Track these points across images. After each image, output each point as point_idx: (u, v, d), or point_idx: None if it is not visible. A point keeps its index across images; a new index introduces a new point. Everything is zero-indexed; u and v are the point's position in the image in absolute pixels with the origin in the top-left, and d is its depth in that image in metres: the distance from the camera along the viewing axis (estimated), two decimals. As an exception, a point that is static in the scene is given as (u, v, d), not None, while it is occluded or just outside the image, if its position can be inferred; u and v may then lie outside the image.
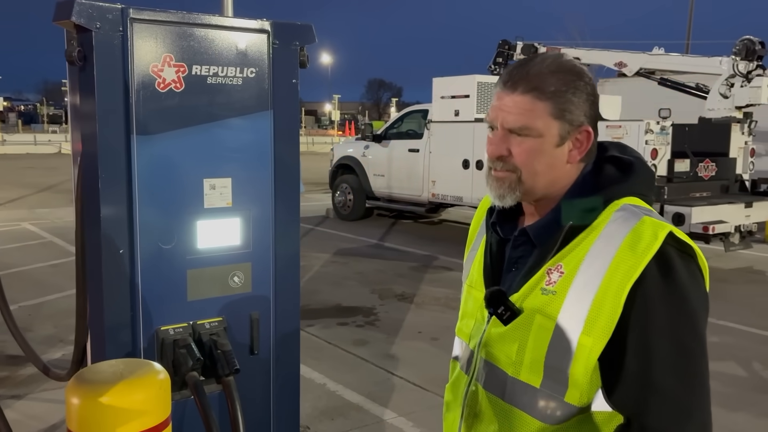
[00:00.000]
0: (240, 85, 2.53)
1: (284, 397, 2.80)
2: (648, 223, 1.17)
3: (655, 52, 9.99)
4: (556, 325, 1.18)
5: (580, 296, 1.16)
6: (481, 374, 1.31)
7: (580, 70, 1.27)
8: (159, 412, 1.46)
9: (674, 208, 7.62)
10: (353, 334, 5.83)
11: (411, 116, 11.96)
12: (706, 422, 1.18)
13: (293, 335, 2.81)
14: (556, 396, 1.20)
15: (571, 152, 1.26)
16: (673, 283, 1.14)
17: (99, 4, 2.23)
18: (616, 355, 1.15)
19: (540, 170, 1.24)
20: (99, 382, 1.43)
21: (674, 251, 1.15)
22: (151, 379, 1.47)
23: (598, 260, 1.16)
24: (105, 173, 2.29)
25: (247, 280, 2.64)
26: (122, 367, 1.49)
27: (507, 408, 1.26)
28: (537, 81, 1.22)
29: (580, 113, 1.24)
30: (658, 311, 1.13)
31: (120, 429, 1.37)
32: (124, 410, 1.39)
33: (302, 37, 2.68)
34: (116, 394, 1.38)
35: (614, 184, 1.25)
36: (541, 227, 1.27)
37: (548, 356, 1.19)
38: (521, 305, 1.23)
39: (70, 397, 1.42)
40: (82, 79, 2.32)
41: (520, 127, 1.23)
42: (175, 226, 2.45)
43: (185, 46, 2.39)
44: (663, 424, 1.13)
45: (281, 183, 2.68)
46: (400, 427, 4.05)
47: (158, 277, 2.42)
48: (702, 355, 1.17)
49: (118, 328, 2.36)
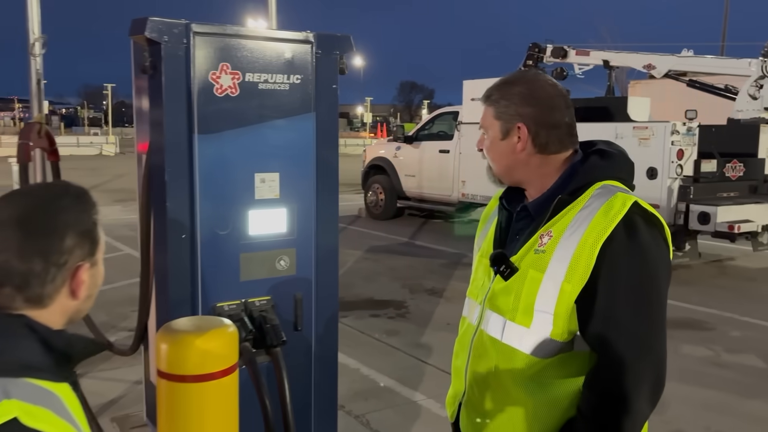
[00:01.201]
0: (287, 90, 2.84)
1: (324, 370, 3.10)
2: (620, 196, 1.47)
3: (684, 54, 10.10)
4: (544, 276, 1.48)
5: (563, 253, 1.46)
6: (485, 322, 1.61)
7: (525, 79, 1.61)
8: (230, 357, 1.77)
9: (700, 207, 7.76)
10: (385, 325, 6.13)
11: (441, 118, 12.24)
12: (659, 353, 1.45)
13: (332, 315, 3.11)
14: (543, 334, 1.49)
15: (517, 144, 1.58)
16: (635, 241, 1.43)
17: (167, 21, 2.57)
18: (589, 298, 1.44)
19: (494, 158, 1.63)
20: (183, 331, 1.75)
21: (638, 218, 1.45)
22: (223, 330, 1.79)
23: (579, 225, 1.46)
24: (171, 167, 2.62)
25: (292, 264, 2.95)
26: (200, 321, 1.82)
27: (504, 346, 1.55)
28: (487, 94, 1.62)
29: (513, 112, 1.56)
30: (622, 263, 1.42)
31: (199, 368, 1.69)
32: (203, 353, 1.71)
33: (342, 47, 2.99)
34: (197, 340, 1.70)
35: (597, 170, 1.55)
36: (538, 203, 1.59)
37: (537, 301, 1.49)
38: (519, 264, 1.54)
39: (159, 344, 1.75)
40: (151, 85, 2.66)
41: (481, 126, 1.65)
42: (230, 214, 2.77)
43: (240, 56, 2.72)
44: (621, 352, 1.42)
45: (322, 177, 2.99)
46: (429, 408, 4.33)
47: (215, 259, 2.75)
48: (658, 301, 1.46)
49: (180, 304, 2.69)
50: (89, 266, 1.17)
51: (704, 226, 7.73)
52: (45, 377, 1.06)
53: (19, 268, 1.08)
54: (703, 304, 6.87)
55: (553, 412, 1.51)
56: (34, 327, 1.08)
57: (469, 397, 1.66)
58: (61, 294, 1.13)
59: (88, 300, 1.20)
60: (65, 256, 1.11)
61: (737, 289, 7.72)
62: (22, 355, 1.05)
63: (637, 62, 10.60)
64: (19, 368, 1.03)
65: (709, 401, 4.54)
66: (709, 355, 5.46)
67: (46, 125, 3.38)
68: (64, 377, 1.11)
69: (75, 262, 1.13)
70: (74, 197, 1.17)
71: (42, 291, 1.10)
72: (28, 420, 0.98)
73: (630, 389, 1.42)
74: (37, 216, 1.10)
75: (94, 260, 1.19)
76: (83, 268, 1.15)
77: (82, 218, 1.16)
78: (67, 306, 1.15)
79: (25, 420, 0.97)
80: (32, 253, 1.08)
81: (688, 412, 4.29)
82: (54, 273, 1.10)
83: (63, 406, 1.06)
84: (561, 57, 11.38)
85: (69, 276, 1.13)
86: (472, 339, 1.66)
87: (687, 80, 10.39)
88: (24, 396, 1.00)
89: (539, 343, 1.50)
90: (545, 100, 1.56)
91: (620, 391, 1.42)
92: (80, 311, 1.19)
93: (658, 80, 10.96)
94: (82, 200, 1.18)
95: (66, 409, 1.06)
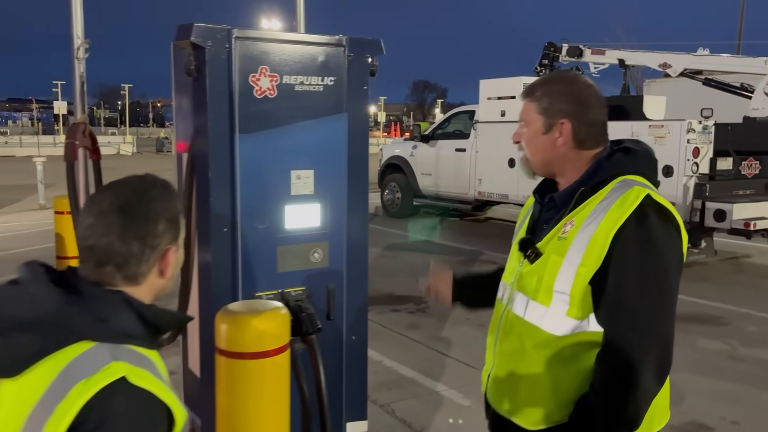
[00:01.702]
0: (321, 91, 3.00)
1: (354, 357, 3.25)
2: (635, 188, 1.61)
3: (699, 53, 10.16)
4: (563, 261, 1.63)
5: (581, 240, 1.60)
6: (512, 302, 1.77)
7: (568, 79, 1.77)
8: (282, 336, 1.93)
9: (716, 204, 7.84)
10: (405, 319, 6.28)
11: (457, 117, 12.36)
12: (665, 334, 1.57)
13: (362, 305, 3.27)
14: (561, 313, 1.63)
15: (558, 139, 1.71)
16: (645, 230, 1.56)
17: (211, 26, 2.73)
18: (601, 281, 1.58)
19: (532, 150, 1.78)
20: (240, 312, 1.91)
21: (650, 209, 1.58)
22: (276, 312, 1.95)
23: (597, 215, 1.61)
24: (214, 165, 2.78)
25: (325, 257, 3.10)
26: (255, 304, 1.98)
27: (527, 324, 1.70)
28: (529, 90, 1.79)
29: (557, 110, 1.70)
30: (632, 250, 1.56)
31: (256, 346, 1.85)
32: (259, 332, 1.86)
33: (372, 50, 3.14)
34: (254, 320, 1.86)
35: (619, 165, 1.69)
36: (564, 195, 1.74)
37: (556, 283, 1.64)
38: (543, 249, 1.69)
39: (219, 324, 1.91)
40: (196, 88, 2.83)
41: (521, 119, 1.80)
42: (268, 209, 2.93)
43: (278, 59, 2.88)
44: (625, 330, 1.55)
45: (353, 175, 3.14)
46: (451, 398, 4.48)
47: (254, 252, 2.91)
48: (667, 287, 1.58)
49: (222, 294, 2.85)
50: (175, 249, 1.33)
51: (720, 224, 7.82)
52: (141, 344, 1.22)
53: (121, 249, 1.24)
54: (719, 300, 6.95)
55: (571, 385, 1.65)
56: (130, 301, 1.24)
57: (497, 369, 1.82)
58: (152, 273, 1.30)
59: (171, 280, 1.36)
60: (158, 239, 1.28)
61: (754, 286, 7.80)
62: (123, 325, 1.21)
63: (653, 61, 10.67)
64: (121, 336, 1.20)
65: (725, 393, 4.64)
66: (725, 349, 5.56)
67: (89, 125, 3.55)
68: (155, 345, 1.28)
69: (165, 245, 1.30)
70: (162, 188, 1.33)
71: (138, 270, 1.26)
72: (134, 379, 1.14)
73: (637, 366, 1.55)
74: (135, 205, 1.26)
75: (178, 244, 1.35)
76: (171, 251, 1.31)
77: (169, 207, 1.32)
78: (155, 284, 1.32)
79: (131, 379, 1.13)
80: (131, 237, 1.24)
81: (704, 404, 4.41)
82: (148, 254, 1.27)
83: (157, 369, 1.22)
84: (577, 56, 11.46)
85: (159, 257, 1.29)
86: (501, 317, 1.82)
87: (703, 79, 10.45)
88: (128, 359, 1.17)
89: (557, 321, 1.65)
90: (586, 99, 1.70)
91: (628, 368, 1.55)
92: (164, 289, 1.36)
93: (673, 79, 11.02)
94: (168, 191, 1.34)
95: (159, 372, 1.22)
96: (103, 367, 1.13)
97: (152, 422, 1.16)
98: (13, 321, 1.15)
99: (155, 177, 1.36)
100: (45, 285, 1.19)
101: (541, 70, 11.71)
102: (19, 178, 19.79)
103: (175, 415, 1.20)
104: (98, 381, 1.11)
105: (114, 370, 1.13)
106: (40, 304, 1.17)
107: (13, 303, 1.18)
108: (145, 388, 1.15)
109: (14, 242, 9.85)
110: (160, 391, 1.17)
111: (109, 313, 1.20)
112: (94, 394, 1.09)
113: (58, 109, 41.90)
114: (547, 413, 1.67)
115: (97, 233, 1.24)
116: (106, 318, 1.19)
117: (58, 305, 1.17)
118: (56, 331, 1.15)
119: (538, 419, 1.69)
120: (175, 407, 1.20)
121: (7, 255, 8.94)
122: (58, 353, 1.14)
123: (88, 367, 1.13)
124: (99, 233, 1.24)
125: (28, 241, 9.92)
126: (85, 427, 1.08)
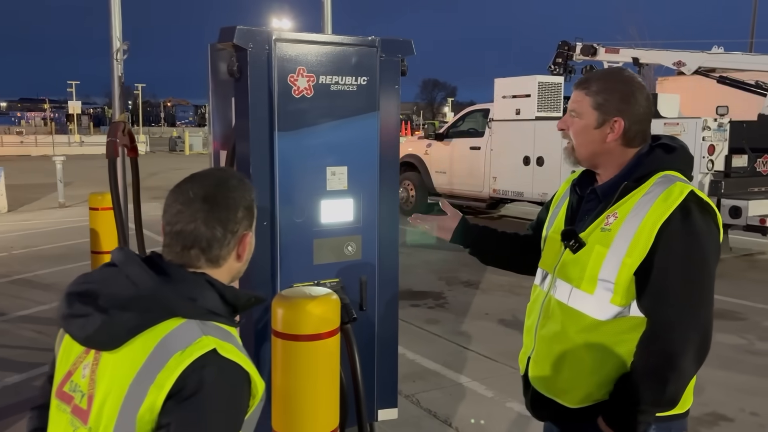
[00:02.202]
0: (355, 91, 3.12)
1: (385, 347, 3.37)
2: (678, 185, 1.71)
3: (714, 51, 10.20)
4: (608, 251, 1.73)
5: (626, 232, 1.71)
6: (554, 288, 1.88)
7: (624, 78, 1.84)
8: (333, 320, 2.06)
9: (731, 201, 7.91)
10: (425, 314, 6.40)
11: (472, 116, 12.45)
12: (705, 320, 1.69)
13: (393, 297, 3.38)
14: (605, 300, 1.74)
15: (608, 135, 1.80)
16: (689, 225, 1.67)
17: (252, 29, 2.86)
18: (646, 271, 1.68)
19: (581, 142, 1.84)
20: (295, 297, 2.04)
21: (693, 205, 1.69)
22: (328, 297, 2.07)
23: (641, 209, 1.71)
24: (255, 161, 2.91)
25: (358, 250, 3.23)
26: (309, 290, 2.10)
27: (570, 309, 1.81)
28: (586, 83, 1.83)
29: (613, 108, 1.78)
30: (676, 242, 1.67)
31: (309, 329, 1.97)
32: (313, 316, 1.99)
33: (403, 50, 3.25)
34: (309, 305, 1.98)
35: (660, 161, 1.80)
36: (606, 187, 1.83)
37: (601, 272, 1.74)
38: (586, 239, 1.79)
39: (276, 309, 2.04)
40: (237, 88, 2.95)
41: (572, 109, 1.84)
42: (305, 204, 3.06)
43: (314, 60, 3.00)
44: (669, 315, 1.67)
45: (384, 171, 3.26)
46: (474, 389, 4.59)
47: (292, 244, 3.04)
48: (707, 276, 1.69)
49: (262, 285, 2.98)
50: (251, 234, 1.45)
51: (735, 220, 7.88)
52: (224, 321, 1.35)
53: (206, 233, 1.36)
54: (735, 295, 7.02)
55: (612, 366, 1.76)
56: (212, 282, 1.36)
57: (538, 352, 1.92)
58: (231, 256, 1.42)
59: (246, 263, 1.48)
60: (237, 225, 1.40)
61: None
62: (208, 304, 1.33)
63: (667, 59, 10.72)
64: (207, 313, 1.32)
65: (743, 385, 4.74)
66: (742, 343, 5.65)
67: (128, 124, 3.69)
68: (234, 323, 1.40)
69: (243, 230, 1.42)
70: (239, 179, 1.46)
71: (220, 253, 1.38)
72: (223, 352, 1.26)
73: (678, 349, 1.66)
74: (217, 194, 1.39)
75: (253, 230, 1.47)
76: (248, 236, 1.44)
77: (246, 196, 1.44)
78: (233, 267, 1.44)
79: (221, 351, 1.26)
80: (215, 222, 1.36)
81: (723, 395, 4.50)
82: (229, 238, 1.39)
83: (239, 344, 1.34)
84: (590, 55, 11.53)
85: (238, 242, 1.41)
86: (543, 303, 1.92)
87: (717, 77, 10.48)
88: (216, 334, 1.29)
89: (600, 308, 1.75)
90: (640, 100, 1.80)
91: (670, 351, 1.66)
92: (240, 272, 1.48)
93: (686, 76, 11.06)
94: (243, 182, 1.46)
95: (241, 347, 1.34)
96: (195, 340, 1.25)
97: (239, 390, 1.28)
98: (113, 299, 1.28)
99: (232, 170, 1.49)
100: (139, 266, 1.32)
101: (556, 69, 11.79)
102: (36, 177, 20.05)
103: (258, 384, 1.32)
104: (192, 353, 1.23)
105: (205, 344, 1.25)
106: (136, 283, 1.29)
107: (111, 283, 1.31)
108: (232, 360, 1.27)
109: (38, 239, 10.04)
110: (244, 363, 1.29)
111: (197, 293, 1.32)
112: (189, 364, 1.22)
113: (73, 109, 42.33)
114: (588, 392, 1.79)
115: (184, 219, 1.36)
116: (195, 297, 1.31)
117: (152, 285, 1.29)
118: (151, 308, 1.27)
119: (581, 398, 1.80)
120: (257, 378, 1.32)
121: (32, 252, 9.14)
122: (153, 329, 1.26)
123: (182, 341, 1.25)
124: (186, 219, 1.36)
125: (50, 238, 10.11)
126: (183, 393, 1.20)
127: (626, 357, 1.75)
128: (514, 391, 4.42)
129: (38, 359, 4.95)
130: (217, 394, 1.23)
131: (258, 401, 1.35)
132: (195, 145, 38.24)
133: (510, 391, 4.47)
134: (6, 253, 9.03)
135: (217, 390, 1.23)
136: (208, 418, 1.22)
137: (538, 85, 10.54)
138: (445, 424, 4.07)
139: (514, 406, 4.28)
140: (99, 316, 1.26)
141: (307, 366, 2.04)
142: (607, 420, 1.75)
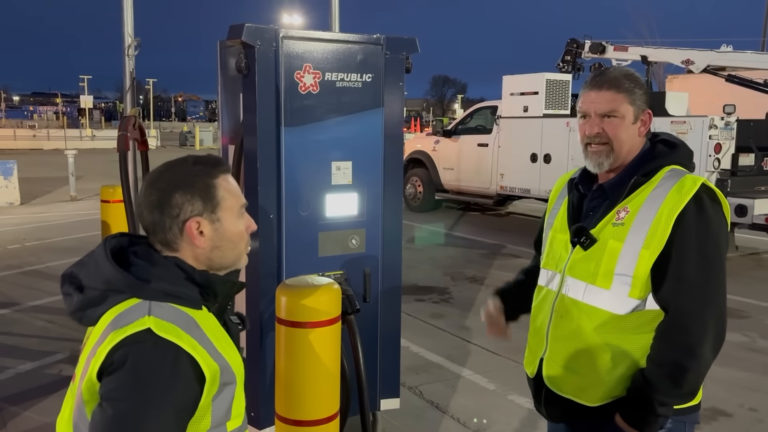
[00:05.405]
0: (360, 87, 3.19)
1: (388, 338, 3.45)
2: (690, 176, 1.78)
3: (723, 49, 10.19)
4: (623, 245, 1.76)
5: (640, 225, 1.75)
6: (566, 287, 1.89)
7: (637, 75, 1.91)
8: (335, 309, 2.13)
9: (737, 200, 7.92)
10: (430, 309, 6.47)
11: (480, 113, 12.49)
12: (721, 308, 1.74)
13: (396, 289, 3.46)
14: (622, 294, 1.77)
15: (640, 128, 1.87)
16: (703, 215, 1.72)
17: (260, 27, 2.94)
18: (664, 261, 1.72)
19: (623, 140, 1.84)
20: (298, 286, 2.12)
21: (706, 196, 1.74)
22: (330, 287, 2.15)
23: (654, 201, 1.75)
24: (262, 156, 2.99)
25: (362, 243, 3.30)
26: (310, 279, 2.18)
27: (586, 306, 1.83)
28: (616, 81, 1.84)
29: (642, 101, 1.85)
30: (692, 233, 1.71)
31: (311, 317, 2.04)
32: (315, 305, 2.06)
33: (408, 48, 3.32)
34: (310, 294, 2.06)
35: (665, 156, 1.85)
36: (614, 183, 1.86)
37: (617, 267, 1.77)
38: (597, 236, 1.82)
39: (279, 296, 2.12)
40: (245, 84, 3.03)
41: (610, 110, 1.83)
42: (310, 197, 3.14)
43: (320, 58, 3.07)
44: (688, 304, 1.71)
45: (388, 167, 3.34)
46: (477, 382, 4.66)
47: (298, 237, 3.12)
48: (721, 266, 1.75)
49: (268, 276, 3.06)
50: (206, 221, 1.39)
51: (741, 219, 7.90)
52: (184, 303, 1.35)
53: (148, 218, 1.39)
54: (739, 294, 7.04)
55: (630, 361, 1.78)
56: (181, 266, 1.38)
57: (552, 352, 1.92)
58: (184, 241, 1.39)
59: (216, 251, 1.42)
60: (176, 209, 1.37)
61: (774, 281, 7.87)
62: (163, 286, 1.34)
63: (676, 58, 10.71)
64: (162, 294, 1.34)
65: (743, 382, 4.78)
66: (744, 340, 5.69)
67: (139, 119, 3.78)
68: (206, 306, 1.40)
69: (185, 215, 1.37)
70: (192, 163, 1.41)
71: (165, 237, 1.39)
72: (159, 330, 1.28)
73: (696, 338, 1.70)
74: (158, 177, 1.40)
75: (214, 217, 1.40)
76: (194, 221, 1.38)
77: (189, 179, 1.38)
78: (195, 252, 1.40)
79: (156, 330, 1.28)
80: (153, 207, 1.38)
81: (723, 391, 4.55)
82: (169, 223, 1.38)
83: (196, 326, 1.34)
84: (599, 52, 11.54)
85: (181, 227, 1.38)
86: (554, 303, 1.92)
87: (726, 75, 10.48)
88: (161, 315, 1.31)
89: (617, 302, 1.78)
90: (653, 94, 1.89)
91: (689, 340, 1.70)
92: (212, 259, 1.42)
93: (695, 75, 11.05)
94: (198, 166, 1.41)
95: (199, 329, 1.34)
96: (137, 320, 1.29)
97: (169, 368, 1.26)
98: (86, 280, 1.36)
99: (197, 155, 1.45)
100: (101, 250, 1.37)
101: (564, 66, 11.80)
102: (48, 171, 20.25)
103: (205, 367, 1.29)
104: (126, 330, 1.27)
105: (142, 323, 1.28)
106: (99, 266, 1.35)
107: (86, 266, 1.38)
108: (168, 339, 1.27)
109: (50, 232, 10.19)
110: (185, 343, 1.28)
111: (150, 275, 1.34)
112: (120, 340, 1.26)
113: (85, 103, 42.59)
114: (608, 389, 1.80)
115: (138, 205, 1.42)
116: (148, 278, 1.34)
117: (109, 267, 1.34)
118: (115, 289, 1.33)
119: (600, 395, 1.81)
120: (204, 360, 1.29)
121: (44, 244, 9.28)
122: (115, 308, 1.33)
123: (125, 319, 1.30)
124: (138, 205, 1.42)
125: (63, 231, 10.25)
126: (110, 368, 1.25)
127: (644, 351, 1.77)
128: (516, 384, 4.49)
129: (50, 348, 5.07)
130: (142, 368, 1.24)
131: (219, 384, 1.32)
132: (205, 140, 38.39)
133: (512, 384, 4.53)
134: (19, 245, 9.18)
135: (142, 365, 1.25)
136: (130, 390, 1.23)
137: (546, 82, 10.57)
138: (446, 415, 4.15)
139: (515, 399, 4.36)
140: (77, 295, 1.35)
141: (308, 352, 2.11)
142: (624, 416, 1.76)
